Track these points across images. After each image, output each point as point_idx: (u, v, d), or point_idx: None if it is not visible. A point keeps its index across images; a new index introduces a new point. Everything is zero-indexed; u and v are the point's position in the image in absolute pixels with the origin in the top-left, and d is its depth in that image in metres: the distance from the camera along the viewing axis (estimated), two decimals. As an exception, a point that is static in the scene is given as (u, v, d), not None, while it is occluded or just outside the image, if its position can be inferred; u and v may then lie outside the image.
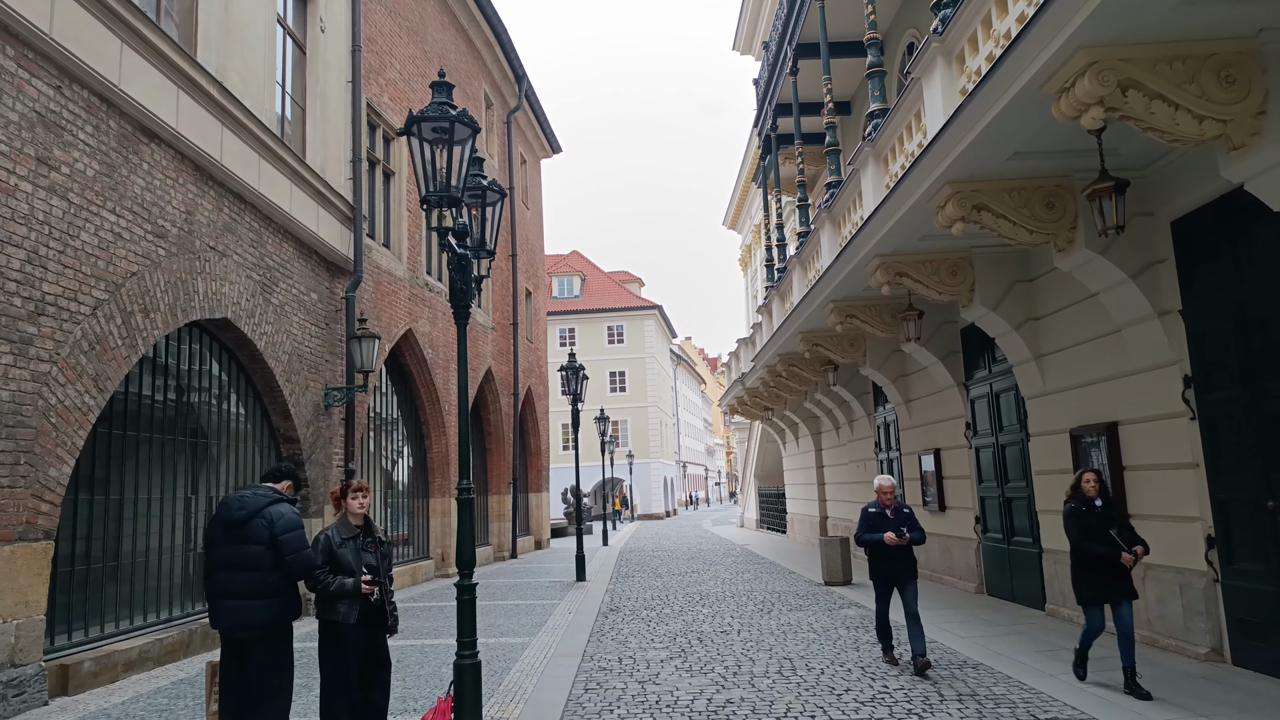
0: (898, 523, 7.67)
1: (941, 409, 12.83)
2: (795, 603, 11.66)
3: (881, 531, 7.61)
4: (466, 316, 6.09)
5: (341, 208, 13.18)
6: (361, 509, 5.23)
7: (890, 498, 7.86)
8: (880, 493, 7.91)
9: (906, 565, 7.68)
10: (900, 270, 9.99)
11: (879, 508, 7.83)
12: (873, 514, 7.82)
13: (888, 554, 7.66)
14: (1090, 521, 6.67)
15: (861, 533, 7.79)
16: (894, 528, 7.60)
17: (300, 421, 11.89)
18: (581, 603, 12.42)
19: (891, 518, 7.72)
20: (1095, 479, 6.81)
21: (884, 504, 7.82)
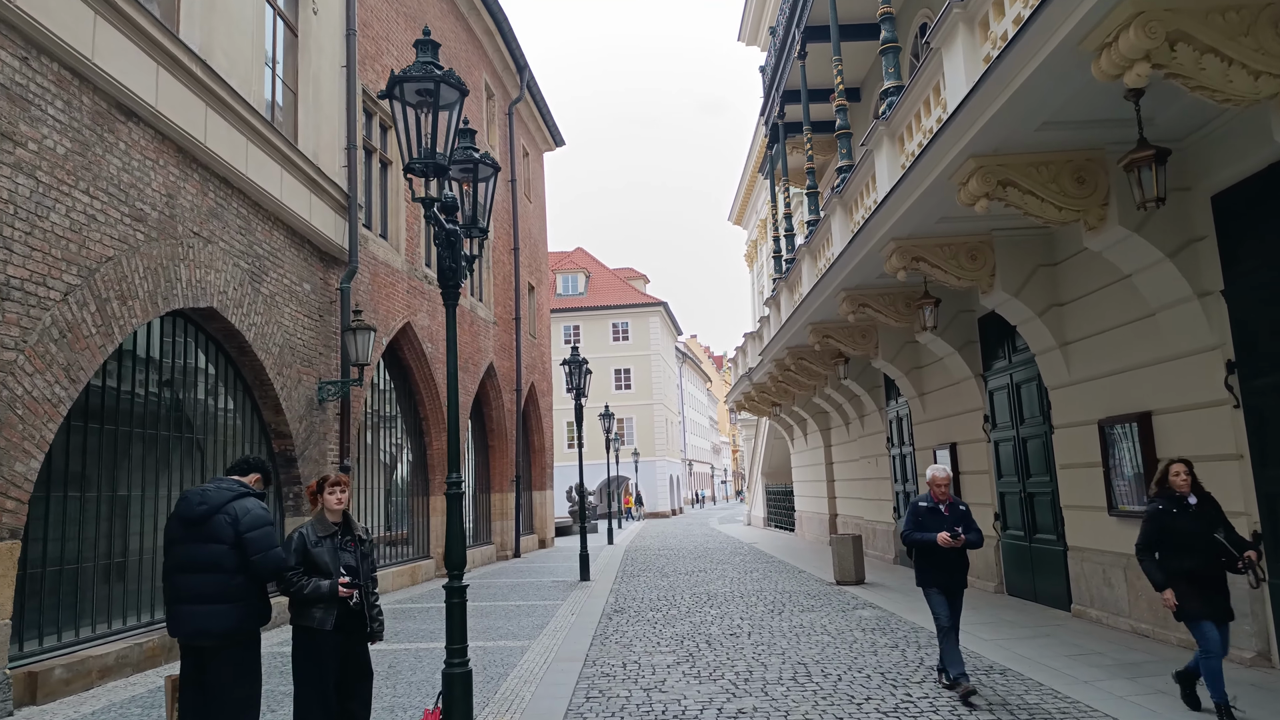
0: (952, 520, 6.50)
1: (958, 402, 12.35)
2: (807, 603, 11.19)
3: (933, 531, 6.43)
4: (456, 297, 5.65)
5: (336, 196, 12.74)
6: (339, 504, 4.78)
7: (945, 490, 6.61)
8: (934, 485, 6.64)
9: (961, 572, 6.58)
10: (917, 255, 9.51)
11: (931, 502, 6.62)
12: (923, 509, 6.62)
13: (940, 558, 6.49)
14: (1182, 525, 5.48)
15: (909, 530, 6.63)
16: (948, 527, 6.42)
17: (292, 416, 11.46)
18: (585, 603, 11.97)
19: (946, 514, 6.54)
20: (1186, 470, 5.63)
21: (937, 498, 6.62)
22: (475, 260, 6.30)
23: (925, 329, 10.93)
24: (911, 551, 6.74)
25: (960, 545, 6.40)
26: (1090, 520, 8.90)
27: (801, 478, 24.98)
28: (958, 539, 6.38)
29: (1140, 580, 8.13)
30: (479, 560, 19.33)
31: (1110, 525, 8.52)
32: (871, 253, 10.15)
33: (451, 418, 5.64)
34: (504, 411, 21.44)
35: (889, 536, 16.08)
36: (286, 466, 11.55)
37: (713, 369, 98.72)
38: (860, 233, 10.22)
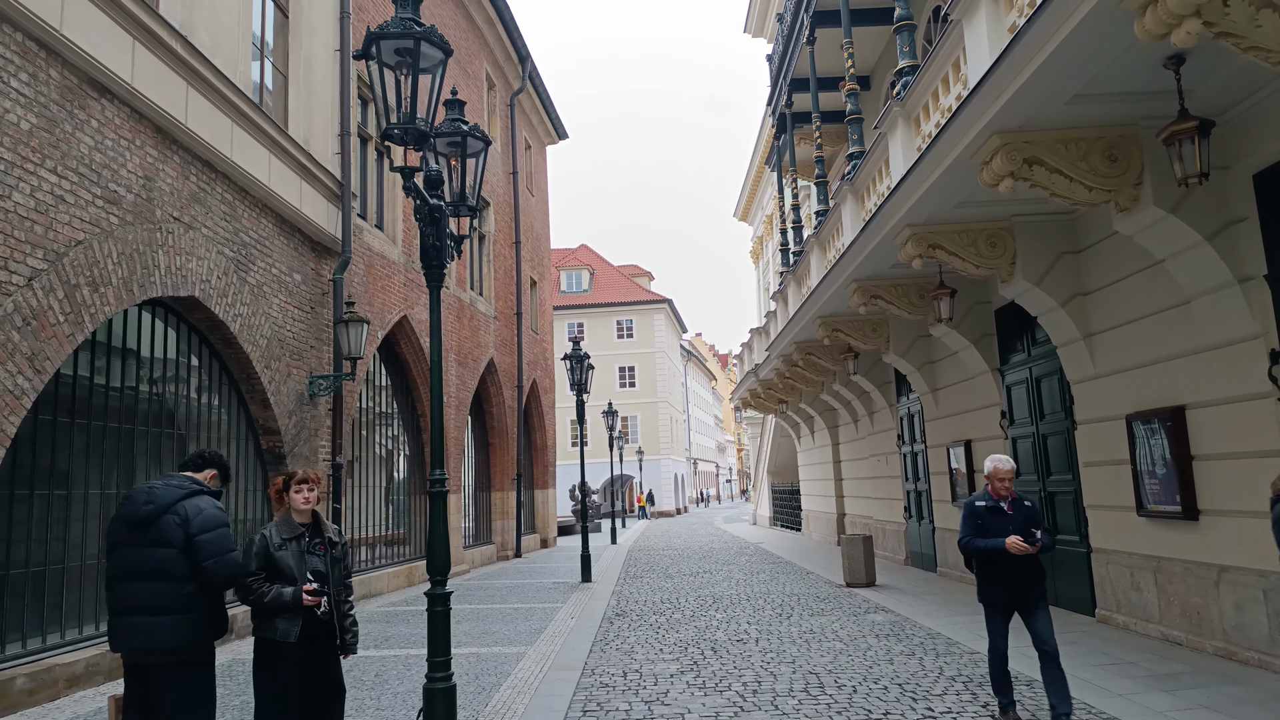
0: (1020, 521, 5.47)
1: (973, 397, 11.87)
2: (816, 606, 10.73)
3: (1000, 535, 5.41)
4: (440, 280, 5.21)
5: (328, 183, 12.31)
6: (307, 504, 4.34)
7: (1009, 486, 5.58)
8: (995, 479, 5.59)
9: (1035, 583, 5.52)
10: (934, 242, 9.05)
11: (992, 500, 5.59)
12: (982, 509, 5.59)
13: (1009, 569, 5.47)
14: None
15: (968, 537, 5.57)
16: (1016, 528, 5.42)
17: (281, 412, 11.03)
18: (585, 606, 11.53)
19: (1010, 513, 5.51)
20: None
21: (998, 494, 5.57)
22: (464, 241, 5.86)
23: (940, 321, 10.46)
24: (971, 562, 5.73)
25: (1035, 551, 5.37)
26: (1117, 521, 8.42)
27: (808, 476, 24.51)
28: (1034, 544, 5.34)
29: (1172, 585, 7.67)
30: (479, 560, 18.91)
31: (1139, 526, 8.04)
32: (885, 241, 9.69)
33: (435, 410, 5.19)
34: (505, 408, 21.01)
35: (899, 536, 15.61)
36: (275, 464, 11.12)
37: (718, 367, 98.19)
38: (873, 220, 9.76)
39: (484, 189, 20.32)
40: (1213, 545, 7.10)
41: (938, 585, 12.30)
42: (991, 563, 5.53)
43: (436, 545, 4.89)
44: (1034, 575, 5.52)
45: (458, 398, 17.59)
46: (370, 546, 14.72)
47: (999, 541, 5.39)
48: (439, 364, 5.17)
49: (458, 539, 17.20)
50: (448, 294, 17.33)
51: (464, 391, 18.04)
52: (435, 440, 5.14)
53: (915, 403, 14.57)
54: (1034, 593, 5.51)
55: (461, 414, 17.83)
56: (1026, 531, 5.39)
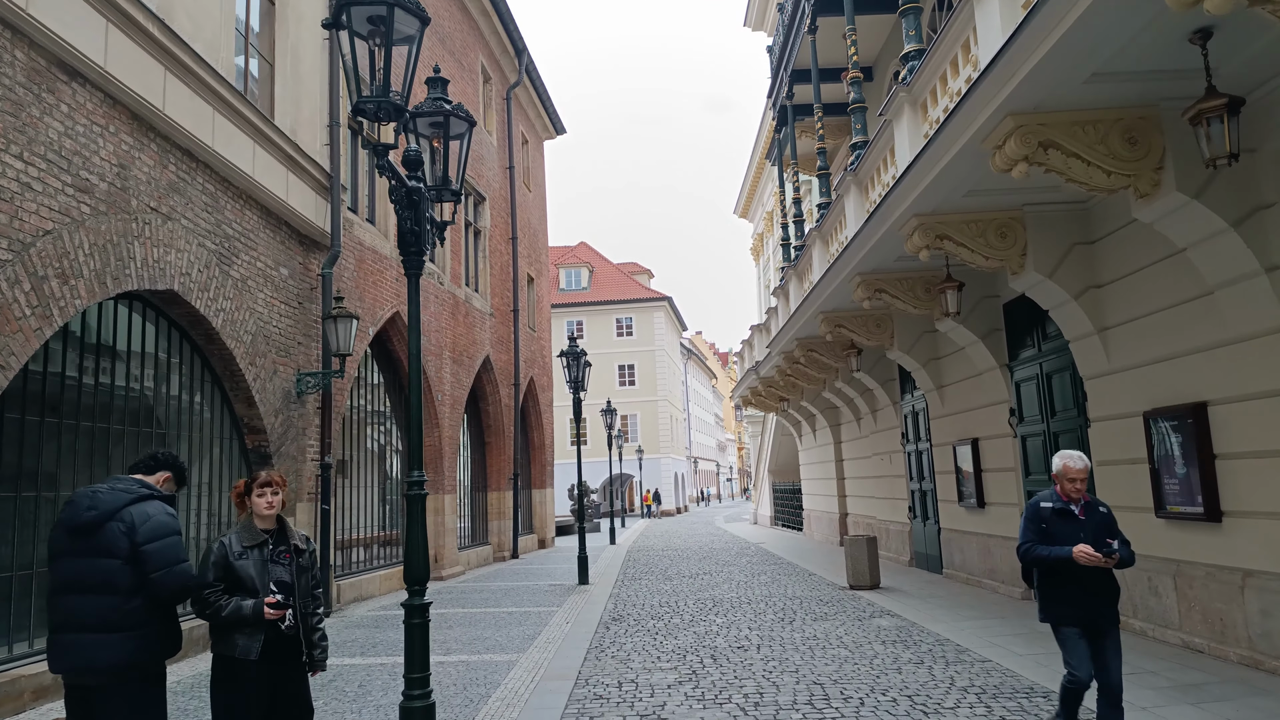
0: (1093, 528, 4.70)
1: (980, 394, 11.53)
2: (820, 610, 10.39)
3: (1069, 543, 4.62)
4: (419, 267, 4.86)
5: (316, 175, 11.97)
6: (270, 509, 4.00)
7: (1081, 487, 4.77)
8: (1065, 479, 4.77)
9: (1108, 602, 4.75)
10: (941, 232, 8.70)
11: (1059, 501, 4.80)
12: (1048, 511, 4.81)
13: (1079, 583, 4.67)
14: None
15: (1030, 543, 4.80)
16: (1089, 536, 4.64)
17: (267, 410, 10.70)
18: (581, 610, 11.19)
19: (1082, 518, 4.75)
20: None
21: (1069, 495, 4.78)
22: (447, 228, 5.52)
23: (947, 315, 10.11)
24: (1031, 574, 4.97)
25: (1114, 563, 4.59)
26: (1134, 523, 8.05)
27: (810, 475, 24.17)
28: (1111, 556, 4.55)
29: (1193, 590, 7.34)
30: (474, 561, 18.58)
31: (1158, 528, 7.70)
32: (890, 232, 9.35)
33: (414, 406, 4.85)
34: (501, 407, 20.67)
35: (904, 537, 15.27)
36: (261, 464, 10.78)
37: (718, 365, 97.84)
38: (878, 211, 9.42)
39: (480, 184, 20.02)
40: (1237, 548, 6.76)
41: (944, 588, 11.96)
42: (1056, 574, 4.75)
43: (414, 552, 4.56)
44: (1106, 592, 4.74)
45: (452, 396, 17.25)
46: (365, 548, 14.40)
47: (1064, 550, 4.61)
48: (418, 357, 4.84)
49: (453, 540, 16.88)
50: (442, 290, 16.99)
51: (459, 389, 17.70)
52: (414, 438, 4.80)
53: (920, 400, 14.23)
54: (1106, 613, 4.74)
55: (456, 412, 17.50)
56: (1100, 541, 4.63)
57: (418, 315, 4.88)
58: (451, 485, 17.07)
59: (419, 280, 4.90)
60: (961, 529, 12.41)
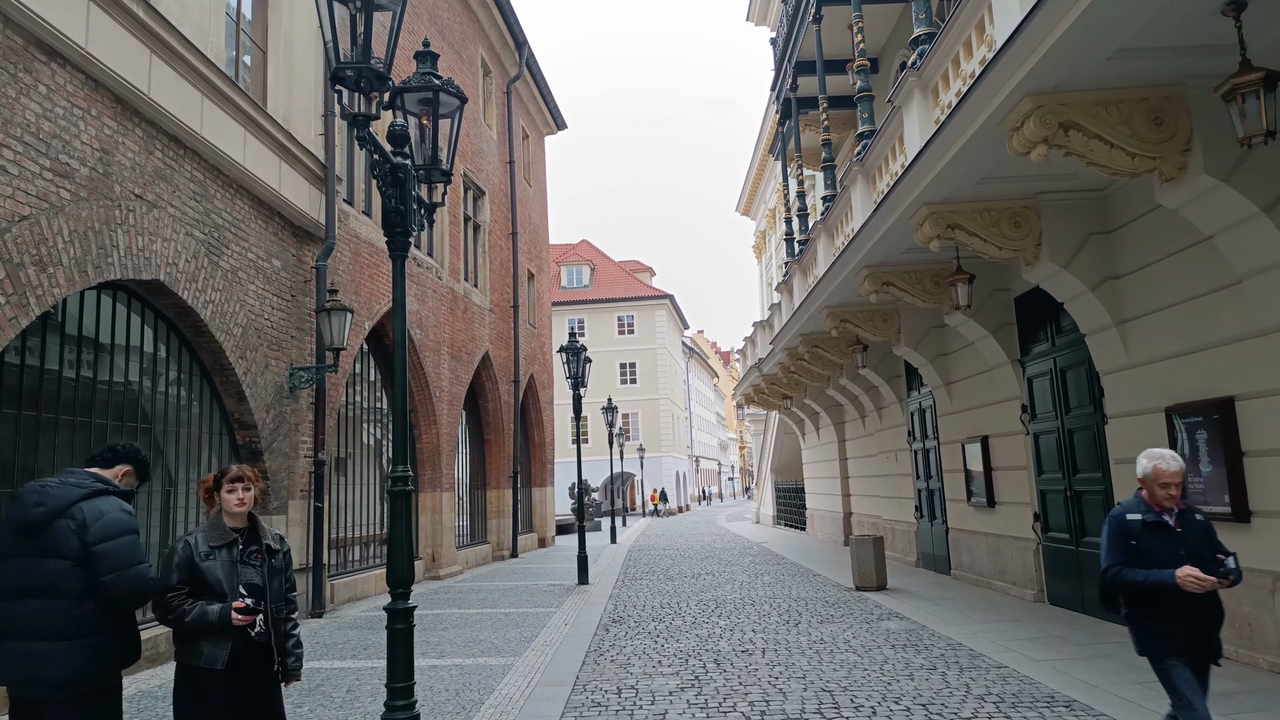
0: (1195, 540, 4.02)
1: (991, 390, 11.23)
2: (825, 612, 10.10)
3: (1169, 563, 3.91)
4: (404, 248, 4.58)
5: (310, 165, 11.68)
6: (241, 505, 3.71)
7: (1176, 493, 4.03)
8: (1157, 484, 4.05)
9: (1215, 626, 4.05)
10: (953, 222, 8.40)
11: (1151, 513, 4.07)
12: (1137, 525, 4.06)
13: (1182, 609, 3.94)
14: None
15: (1118, 565, 4.05)
16: (1194, 552, 3.96)
17: (258, 405, 10.41)
18: (581, 611, 10.90)
19: (1179, 531, 4.03)
20: None
21: (1160, 505, 4.06)
22: (436, 210, 5.23)
23: (958, 308, 9.80)
24: (1115, 599, 4.18)
25: (1228, 585, 3.85)
26: (1154, 522, 7.77)
27: (813, 474, 23.87)
28: (1226, 577, 3.83)
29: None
30: (473, 561, 18.29)
31: (1180, 529, 7.39)
32: (899, 222, 9.05)
33: (399, 397, 4.57)
34: (500, 404, 20.38)
35: (910, 537, 14.97)
36: (252, 460, 10.50)
37: (719, 364, 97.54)
38: (886, 201, 9.11)
39: (479, 178, 19.73)
40: (1267, 550, 6.46)
41: (953, 589, 11.66)
42: (1155, 601, 3.98)
43: (398, 552, 4.28)
44: (1212, 616, 4.02)
45: (450, 392, 16.97)
46: (362, 546, 14.12)
47: (1167, 574, 3.86)
48: (403, 344, 4.55)
49: (450, 539, 16.60)
50: (440, 285, 16.71)
51: (457, 386, 17.42)
52: (399, 430, 4.51)
53: (927, 397, 13.93)
54: (1213, 640, 4.04)
55: (455, 409, 17.21)
56: (1207, 558, 3.92)
57: (403, 299, 4.59)
58: (450, 483, 16.79)
59: (404, 263, 4.61)
60: (970, 529, 12.11)
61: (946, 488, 13.08)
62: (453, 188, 17.88)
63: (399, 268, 4.60)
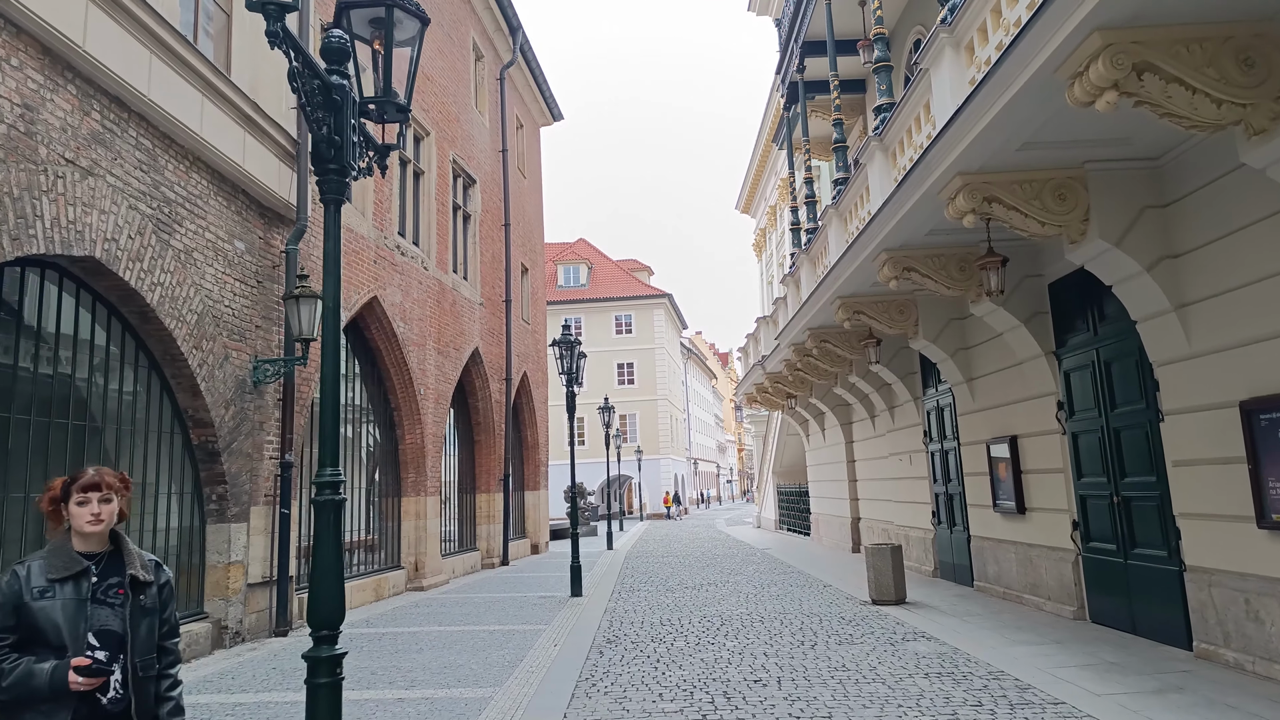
0: None
1: (1020, 386, 10.27)
2: (843, 631, 9.14)
3: None
4: (339, 190, 3.63)
5: (281, 141, 10.73)
6: (96, 524, 2.73)
7: None
8: None
9: None
10: (990, 194, 7.43)
11: None
12: None
13: None
14: None
15: None
16: None
17: (215, 400, 9.44)
18: (572, 629, 9.94)
19: None
20: None
21: None
22: (389, 154, 4.27)
23: (989, 294, 8.82)
24: None
25: None
26: (1225, 534, 6.82)
27: (818, 477, 22.90)
28: None
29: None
30: (460, 569, 17.31)
31: (1259, 542, 6.44)
32: (926, 198, 8.08)
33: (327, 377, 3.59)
34: (490, 402, 19.40)
35: (926, 545, 14.01)
36: (208, 462, 9.54)
37: (718, 365, 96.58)
38: (911, 175, 8.15)
39: (470, 165, 18.77)
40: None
41: (979, 603, 10.70)
42: None
43: (321, 581, 3.30)
44: None
45: (436, 389, 15.99)
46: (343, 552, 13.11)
47: None
48: (336, 312, 3.59)
49: (435, 546, 15.62)
50: (426, 275, 15.74)
51: (444, 383, 16.44)
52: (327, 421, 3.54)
53: (946, 395, 12.97)
54: None
55: (441, 407, 16.23)
56: None
57: (337, 255, 3.63)
58: (435, 486, 15.82)
59: (339, 210, 3.66)
60: (997, 537, 11.15)
61: (968, 492, 12.12)
62: (441, 174, 16.92)
63: (333, 216, 3.64)
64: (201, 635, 9.15)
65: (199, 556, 9.62)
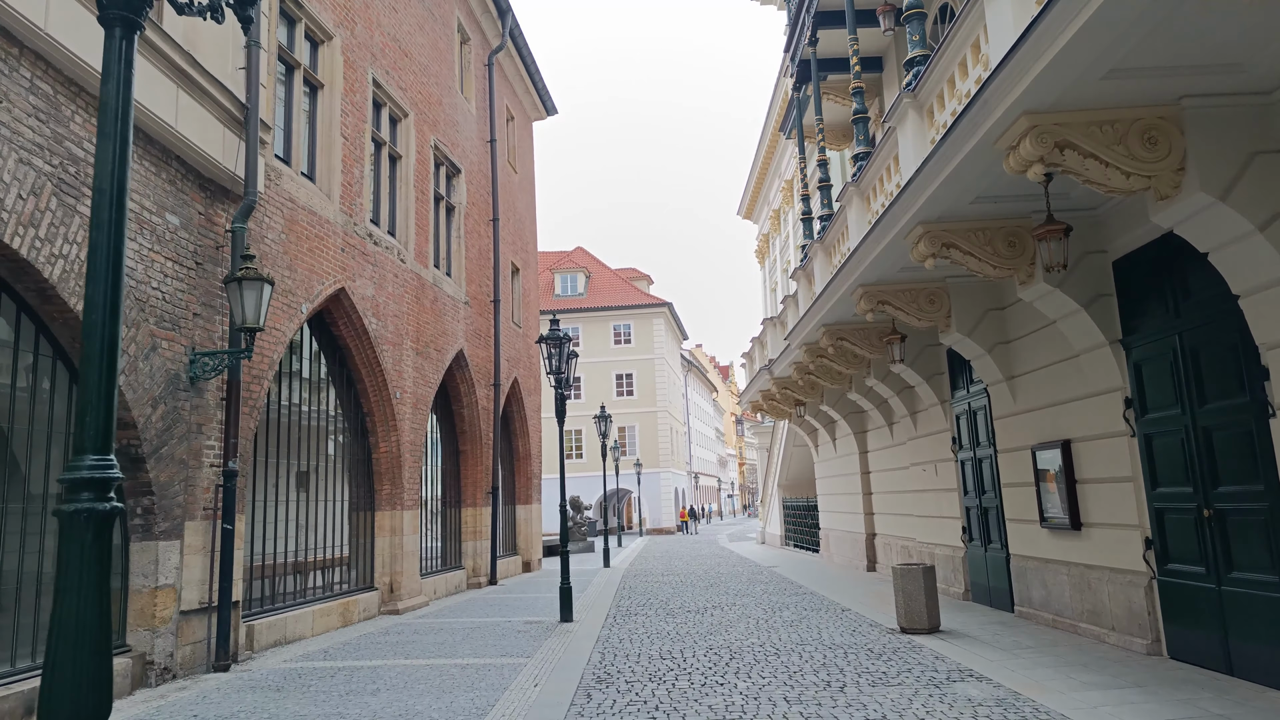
0: None
1: (1077, 382, 8.89)
2: (875, 668, 7.72)
3: None
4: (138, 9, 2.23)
5: (225, 104, 9.40)
6: None
7: None
8: None
9: None
10: (1064, 139, 6.07)
11: None
12: None
13: None
14: None
15: None
16: None
17: (139, 397, 8.06)
18: (558, 664, 8.52)
19: None
20: None
21: None
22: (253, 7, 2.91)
23: (1050, 269, 7.41)
24: None
25: None
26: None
27: (829, 490, 21.48)
28: None
29: None
30: (442, 589, 15.87)
31: None
32: (978, 152, 6.70)
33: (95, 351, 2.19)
34: (478, 409, 17.99)
35: (955, 564, 12.58)
36: (131, 470, 8.16)
37: (718, 379, 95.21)
38: (957, 125, 6.78)
39: (454, 153, 17.45)
40: None
41: (1026, 633, 9.29)
42: None
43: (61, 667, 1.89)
44: None
45: (415, 393, 14.61)
46: (299, 575, 11.74)
47: None
48: (119, 205, 2.20)
49: (413, 564, 14.20)
50: (402, 268, 14.39)
51: (423, 386, 15.05)
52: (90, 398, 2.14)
53: (979, 397, 11.59)
54: None
55: (421, 413, 14.84)
56: None
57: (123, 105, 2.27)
58: (413, 499, 14.41)
59: (132, 39, 2.30)
60: (1044, 556, 9.74)
61: (1007, 505, 10.72)
62: (421, 159, 15.60)
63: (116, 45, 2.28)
64: (120, 673, 7.73)
65: (121, 580, 8.23)
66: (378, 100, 14.22)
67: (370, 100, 13.71)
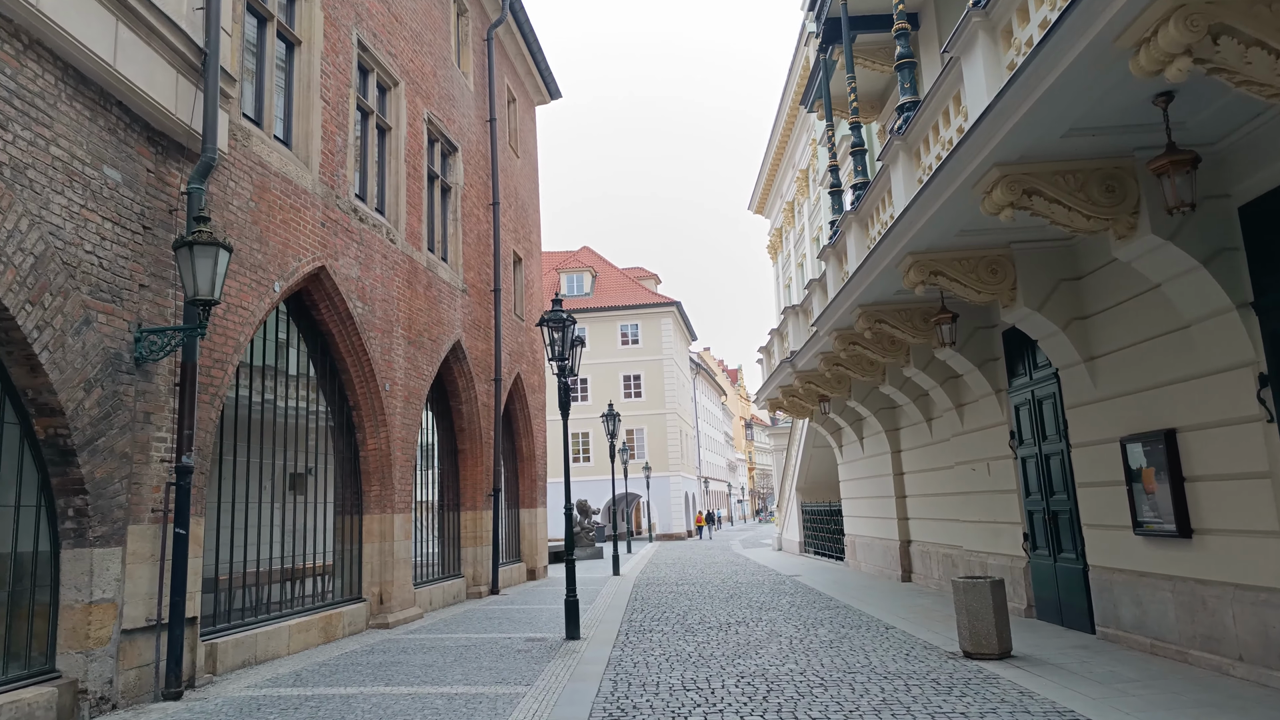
0: None
1: (1187, 359, 7.45)
2: (947, 706, 6.33)
3: None
4: None
5: (180, 47, 8.09)
6: None
7: None
8: None
9: None
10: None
11: None
12: None
13: None
14: None
15: None
16: None
17: (67, 379, 6.74)
18: (561, 696, 7.15)
19: None
20: None
21: None
22: None
23: (1176, 209, 5.95)
24: None
25: None
26: None
27: (855, 493, 20.06)
28: None
29: None
30: (438, 600, 14.50)
31: None
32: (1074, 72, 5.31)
33: None
34: (477, 406, 16.64)
35: (1015, 576, 11.14)
36: (60, 464, 6.85)
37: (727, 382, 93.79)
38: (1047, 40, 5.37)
39: (449, 129, 16.09)
40: None
41: (1119, 660, 7.88)
42: None
43: None
44: None
45: (407, 386, 13.26)
46: (274, 586, 10.41)
47: None
48: None
49: (405, 573, 12.84)
50: (392, 249, 13.06)
51: (416, 378, 13.71)
52: None
53: (1046, 383, 10.19)
54: None
55: (413, 408, 13.50)
56: None
57: None
58: (405, 502, 13.06)
59: None
60: (1137, 569, 8.33)
61: (1084, 508, 9.32)
62: (414, 133, 14.28)
63: None
64: (42, 705, 6.39)
65: (49, 593, 6.91)
66: (364, 65, 12.91)
67: (355, 63, 12.40)
